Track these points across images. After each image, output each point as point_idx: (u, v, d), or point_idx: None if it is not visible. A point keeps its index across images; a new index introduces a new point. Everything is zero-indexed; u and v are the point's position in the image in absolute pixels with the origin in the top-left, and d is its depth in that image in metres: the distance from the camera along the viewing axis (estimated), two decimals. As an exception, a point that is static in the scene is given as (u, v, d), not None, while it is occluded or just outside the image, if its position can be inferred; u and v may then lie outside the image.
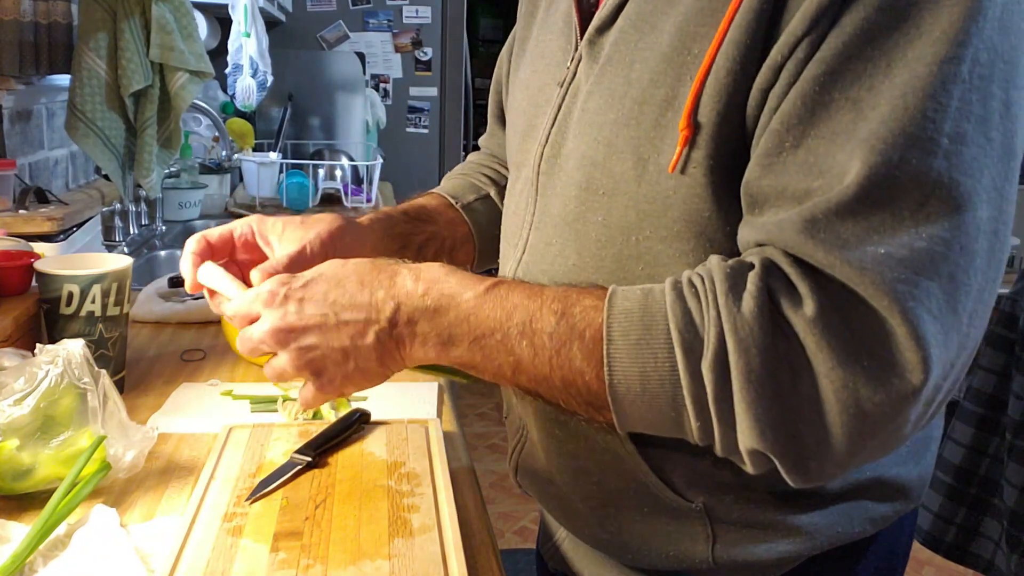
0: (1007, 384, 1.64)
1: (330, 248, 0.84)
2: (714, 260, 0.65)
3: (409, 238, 0.95)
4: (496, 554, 0.84)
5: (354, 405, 1.12)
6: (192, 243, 0.83)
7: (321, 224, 0.85)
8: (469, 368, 0.70)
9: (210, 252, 0.84)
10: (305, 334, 0.71)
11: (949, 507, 1.68)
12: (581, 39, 0.78)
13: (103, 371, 0.87)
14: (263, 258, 0.86)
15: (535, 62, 0.87)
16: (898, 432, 0.62)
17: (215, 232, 0.85)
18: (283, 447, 0.94)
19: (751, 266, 0.63)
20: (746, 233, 0.67)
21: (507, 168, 1.02)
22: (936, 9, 0.58)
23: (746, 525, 0.78)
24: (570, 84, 0.78)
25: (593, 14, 0.78)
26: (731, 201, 0.68)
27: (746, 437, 0.61)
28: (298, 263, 0.81)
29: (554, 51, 0.83)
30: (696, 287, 0.64)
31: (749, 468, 0.64)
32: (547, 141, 0.80)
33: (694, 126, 0.66)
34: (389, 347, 0.70)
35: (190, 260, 0.81)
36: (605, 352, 0.64)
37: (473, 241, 1.01)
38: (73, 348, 0.85)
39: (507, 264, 0.87)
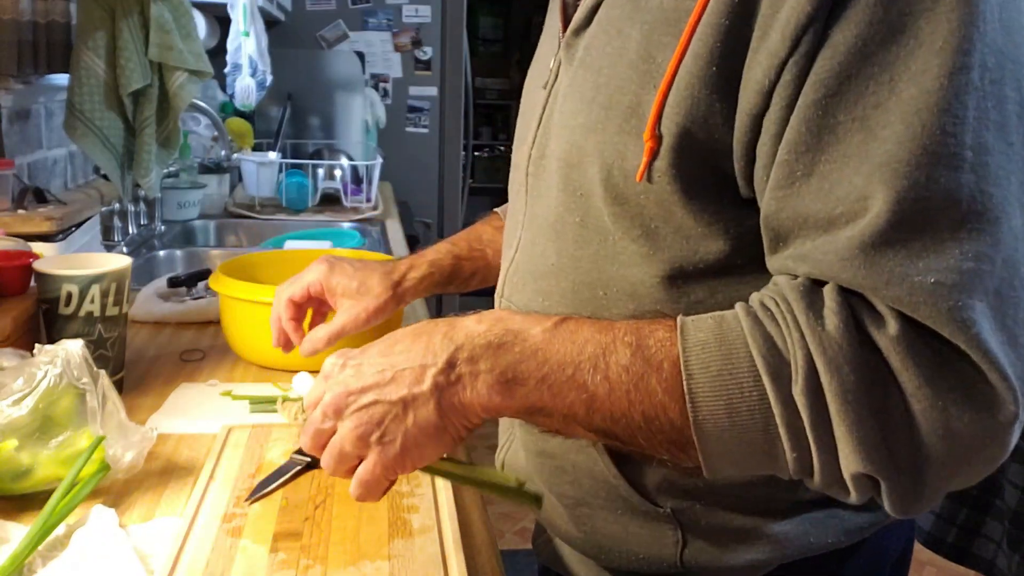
0: (1008, 384, 1.63)
1: (375, 319, 1.04)
2: (783, 281, 0.63)
3: (453, 279, 1.09)
4: (496, 554, 0.83)
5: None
6: (284, 310, 1.05)
7: (369, 298, 1.04)
8: (537, 412, 0.65)
9: (298, 313, 1.05)
10: (363, 394, 0.66)
11: (950, 507, 1.68)
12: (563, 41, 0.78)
13: (102, 371, 0.86)
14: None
15: (533, 67, 0.89)
16: (995, 457, 0.59)
17: (296, 292, 1.04)
18: (282, 447, 0.93)
19: (823, 283, 0.61)
20: (785, 266, 0.64)
21: None
22: (932, 18, 0.56)
23: (715, 531, 0.76)
24: (552, 86, 0.79)
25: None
26: (701, 204, 0.67)
27: (850, 461, 0.58)
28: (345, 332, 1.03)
29: (545, 54, 0.85)
30: (771, 310, 0.61)
31: (854, 497, 0.61)
32: (534, 143, 0.81)
33: (657, 138, 0.65)
34: (448, 393, 0.64)
35: (290, 327, 1.05)
36: (686, 388, 0.60)
37: None
38: (72, 348, 0.84)
39: (504, 264, 0.88)
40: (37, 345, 0.87)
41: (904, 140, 0.57)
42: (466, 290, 1.12)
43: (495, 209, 1.15)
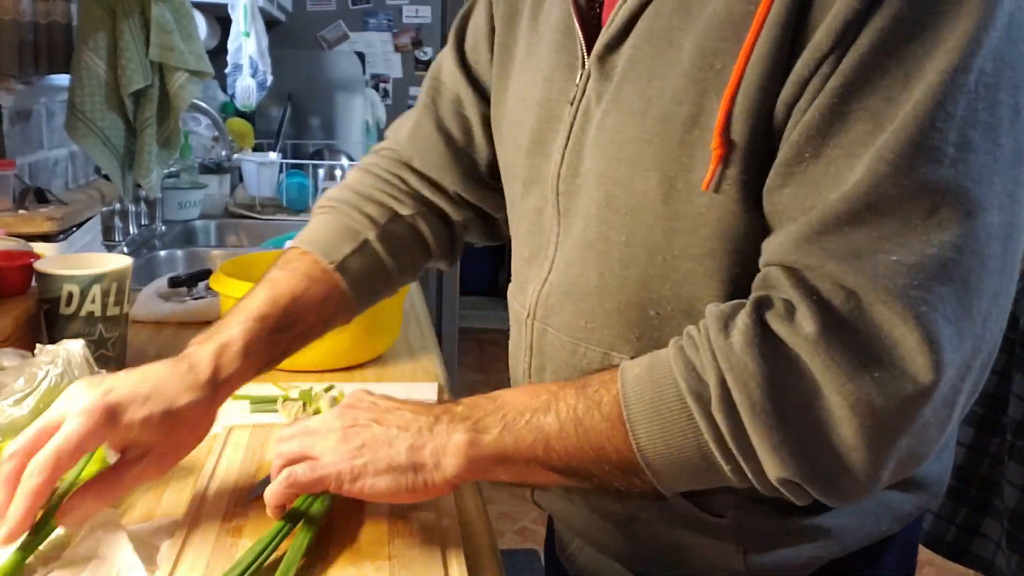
0: (1007, 384, 1.64)
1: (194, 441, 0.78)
2: (710, 307, 0.67)
3: (270, 357, 0.85)
4: (496, 554, 0.83)
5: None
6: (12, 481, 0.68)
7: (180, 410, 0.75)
8: (502, 461, 0.70)
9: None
10: (367, 412, 0.74)
11: (950, 507, 1.68)
12: (588, 55, 0.75)
13: (103, 371, 0.87)
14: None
15: (531, 74, 0.83)
16: (922, 436, 0.63)
17: (57, 452, 0.68)
18: (283, 447, 0.93)
19: (747, 303, 0.65)
20: (764, 246, 0.67)
21: (420, 179, 0.96)
22: (952, 20, 0.59)
23: (777, 533, 0.78)
24: (580, 101, 0.76)
25: (596, 26, 0.76)
26: (762, 216, 0.68)
27: (770, 468, 0.63)
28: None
29: (554, 65, 0.80)
30: (693, 336, 0.66)
31: (795, 500, 0.65)
32: (563, 160, 0.78)
33: (727, 144, 0.66)
34: (425, 438, 0.71)
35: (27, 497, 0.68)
36: (626, 417, 0.66)
37: (349, 303, 0.90)
38: (73, 348, 0.85)
39: (530, 285, 0.84)
40: (38, 345, 0.87)
41: (898, 130, 0.59)
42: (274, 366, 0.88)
43: (296, 244, 0.93)
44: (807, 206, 0.63)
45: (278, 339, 0.84)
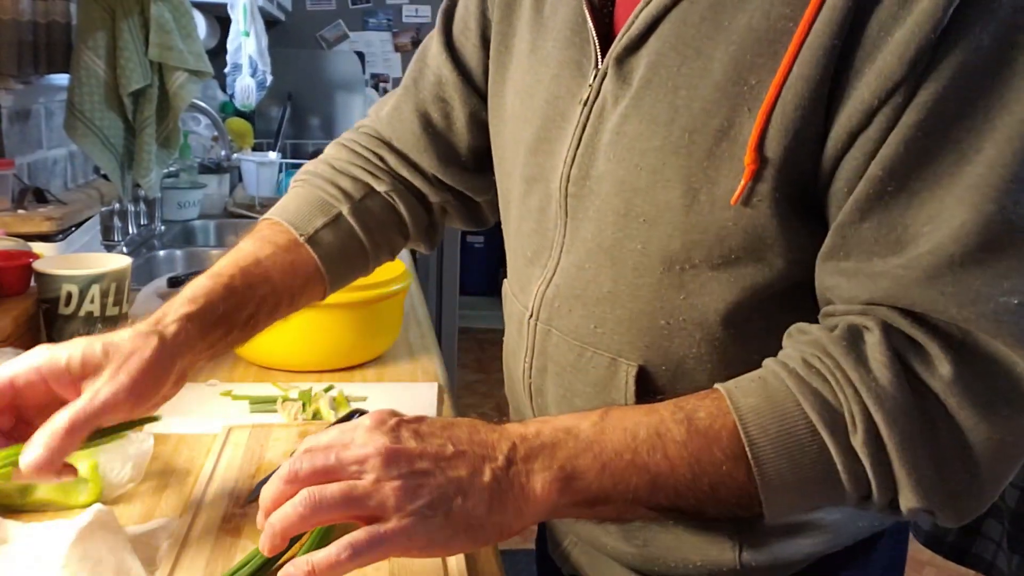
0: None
1: (141, 384, 0.72)
2: (821, 335, 0.65)
3: (232, 318, 0.80)
4: (496, 554, 0.83)
5: (353, 406, 1.12)
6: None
7: (126, 359, 0.72)
8: (597, 503, 0.64)
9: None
10: (421, 459, 0.61)
11: (950, 507, 1.68)
12: (602, 55, 0.74)
13: None
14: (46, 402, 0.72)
15: (536, 69, 0.81)
16: None
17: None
18: (282, 448, 0.93)
19: (866, 332, 0.64)
20: (832, 277, 0.67)
21: (398, 158, 0.95)
22: None
23: (771, 529, 0.78)
24: (594, 102, 0.75)
25: (608, 25, 0.75)
26: (794, 229, 0.68)
27: (908, 498, 0.63)
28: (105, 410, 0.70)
29: (562, 62, 0.78)
30: (815, 367, 0.64)
31: (907, 517, 0.66)
32: (573, 161, 0.76)
33: (760, 160, 0.65)
34: (505, 487, 0.62)
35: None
36: (750, 454, 0.64)
37: (321, 277, 0.88)
38: None
39: (531, 284, 0.83)
40: None
41: (995, 165, 0.59)
42: (249, 337, 0.85)
43: (267, 216, 0.91)
44: (892, 240, 0.63)
45: (238, 299, 0.80)
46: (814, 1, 0.62)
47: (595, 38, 0.75)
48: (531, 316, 0.82)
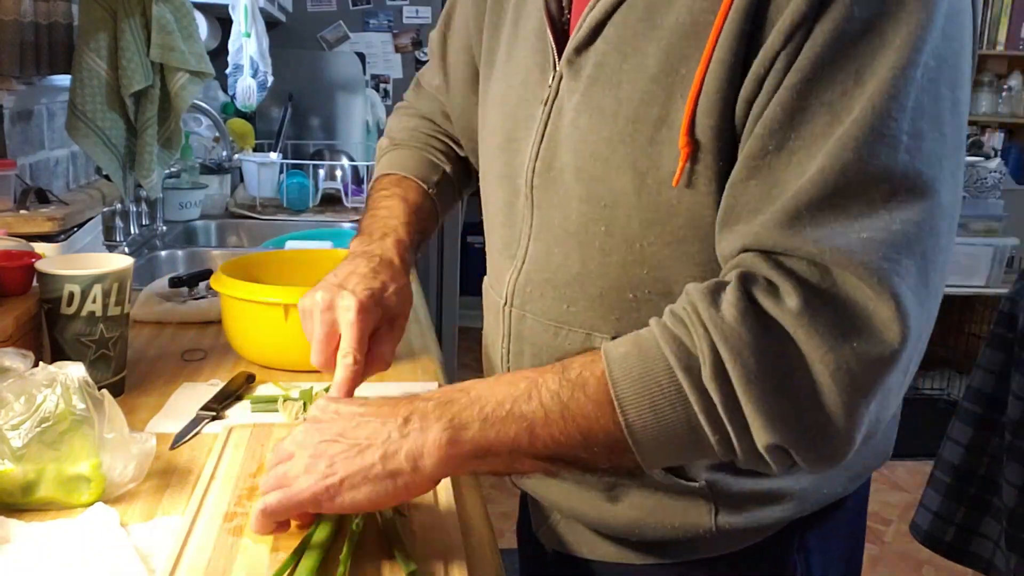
0: (1006, 384, 1.64)
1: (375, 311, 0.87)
2: (691, 287, 0.70)
3: (420, 246, 1.01)
4: (496, 554, 0.84)
5: (354, 405, 1.12)
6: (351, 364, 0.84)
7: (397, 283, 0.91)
8: (485, 454, 0.70)
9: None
10: (331, 427, 0.73)
11: (948, 506, 1.68)
12: (559, 57, 0.81)
13: (104, 391, 0.86)
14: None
15: (509, 77, 0.89)
16: (886, 401, 0.67)
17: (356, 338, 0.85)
18: (283, 447, 0.94)
19: (727, 282, 0.68)
20: (727, 244, 0.71)
21: (453, 139, 1.10)
22: (896, 20, 0.64)
23: (746, 496, 0.83)
24: (553, 101, 0.81)
25: (566, 32, 0.82)
26: None
27: (760, 434, 0.65)
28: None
29: (530, 67, 0.86)
30: (678, 315, 0.69)
31: (774, 469, 0.68)
32: (537, 156, 0.83)
33: (693, 143, 0.71)
34: (398, 443, 0.70)
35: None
36: (613, 395, 0.68)
37: (437, 222, 1.07)
38: (73, 374, 0.84)
39: (504, 275, 0.89)
40: (41, 363, 0.87)
41: (859, 121, 0.64)
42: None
43: (389, 172, 1.06)
44: (773, 195, 0.67)
45: (419, 239, 1.00)
46: None
47: (552, 43, 0.82)
48: (505, 304, 0.89)
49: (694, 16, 0.71)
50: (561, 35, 0.82)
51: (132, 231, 2.07)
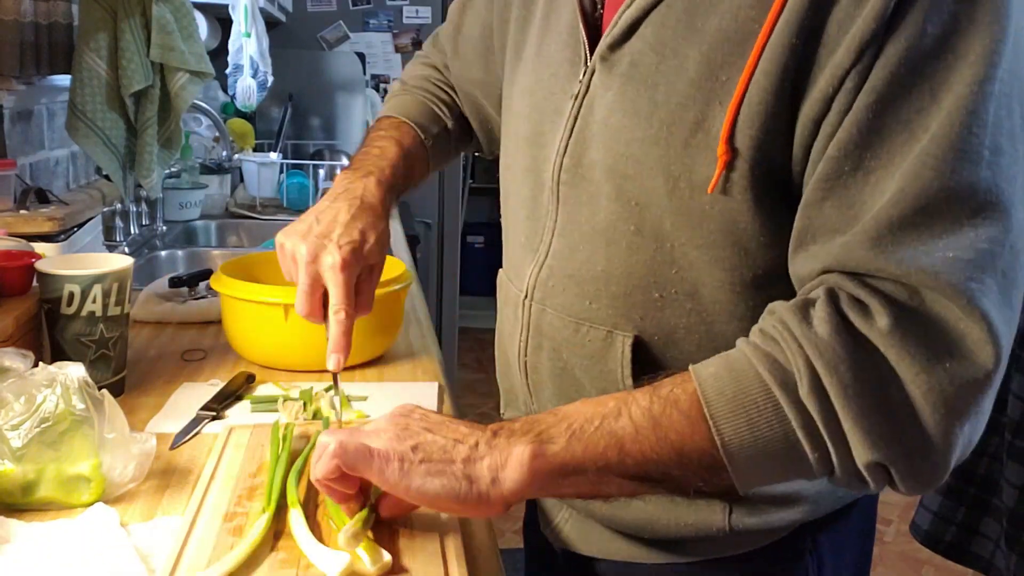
0: (1007, 384, 1.64)
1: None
2: (777, 305, 0.70)
3: (400, 189, 1.02)
4: (496, 554, 0.84)
5: (355, 406, 1.12)
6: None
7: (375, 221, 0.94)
8: (571, 472, 0.68)
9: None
10: (421, 421, 0.72)
11: (948, 506, 1.68)
12: (591, 53, 0.80)
13: (104, 391, 0.86)
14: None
15: (539, 71, 0.88)
16: (978, 422, 0.66)
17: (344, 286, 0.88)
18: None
19: (815, 299, 0.67)
20: (804, 264, 0.70)
21: (456, 93, 1.12)
22: (969, 36, 0.64)
23: (762, 497, 0.82)
24: (584, 96, 0.81)
25: (599, 27, 0.81)
26: (766, 214, 0.72)
27: (860, 452, 0.64)
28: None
29: (560, 62, 0.85)
30: (767, 332, 0.68)
31: (872, 486, 0.68)
32: (565, 151, 0.82)
33: (732, 151, 0.71)
34: (483, 452, 0.68)
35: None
36: (708, 414, 0.67)
37: (425, 174, 1.09)
38: (73, 374, 0.84)
39: (525, 268, 0.89)
40: (41, 363, 0.87)
41: (938, 138, 0.64)
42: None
43: (391, 114, 1.09)
44: (851, 216, 0.67)
45: (403, 184, 1.02)
46: (776, 3, 0.67)
47: (584, 38, 0.82)
48: (526, 297, 0.88)
49: (739, 23, 0.70)
50: (593, 31, 0.82)
51: (132, 231, 2.07)
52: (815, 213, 0.69)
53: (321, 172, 2.58)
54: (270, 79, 2.66)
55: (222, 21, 2.74)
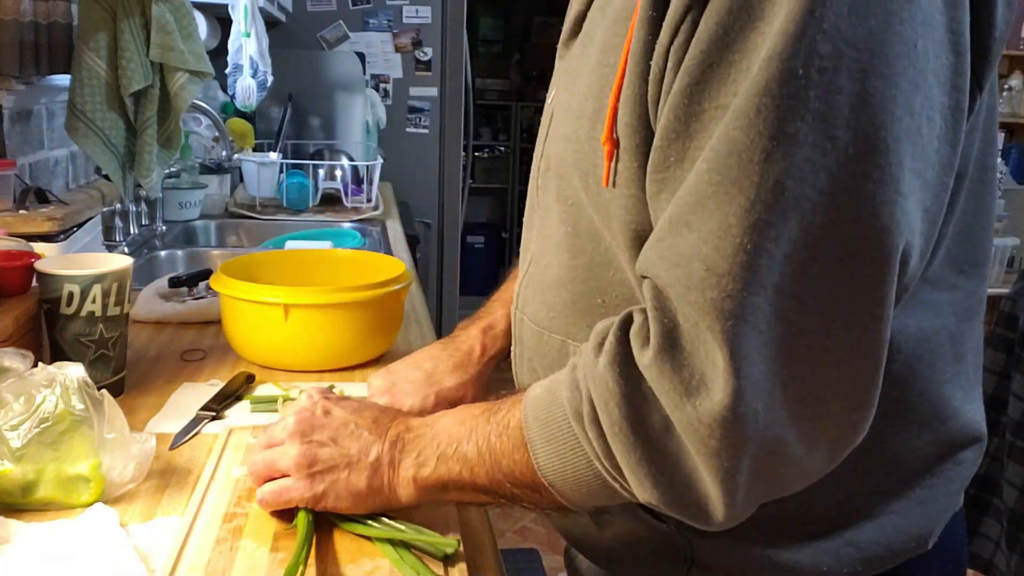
0: (1007, 384, 1.64)
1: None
2: (598, 323, 0.67)
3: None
4: (496, 554, 0.84)
5: (354, 405, 1.12)
6: None
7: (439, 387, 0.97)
8: (444, 487, 0.74)
9: None
10: (323, 430, 0.77)
11: (949, 507, 1.68)
12: None
13: (104, 392, 0.86)
14: None
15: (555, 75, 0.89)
16: (767, 463, 0.59)
17: None
18: (283, 447, 0.93)
19: (612, 323, 0.65)
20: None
21: None
22: (782, 1, 0.53)
23: (723, 554, 0.74)
24: (553, 98, 0.81)
25: None
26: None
27: (638, 491, 0.63)
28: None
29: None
30: (581, 354, 0.67)
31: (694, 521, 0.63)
32: (541, 155, 0.82)
33: (615, 140, 0.65)
34: (383, 469, 0.75)
35: None
36: (527, 438, 0.68)
37: None
38: (72, 374, 0.84)
39: (520, 277, 0.88)
40: (40, 364, 0.87)
41: (724, 122, 0.55)
42: None
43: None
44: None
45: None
46: None
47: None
48: (515, 306, 0.88)
49: (626, 2, 0.64)
50: None
51: (132, 231, 2.07)
52: (655, 206, 0.62)
53: (321, 172, 2.58)
54: (270, 79, 2.66)
55: (222, 21, 2.74)
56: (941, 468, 0.74)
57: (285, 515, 0.78)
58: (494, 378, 0.99)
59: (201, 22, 2.23)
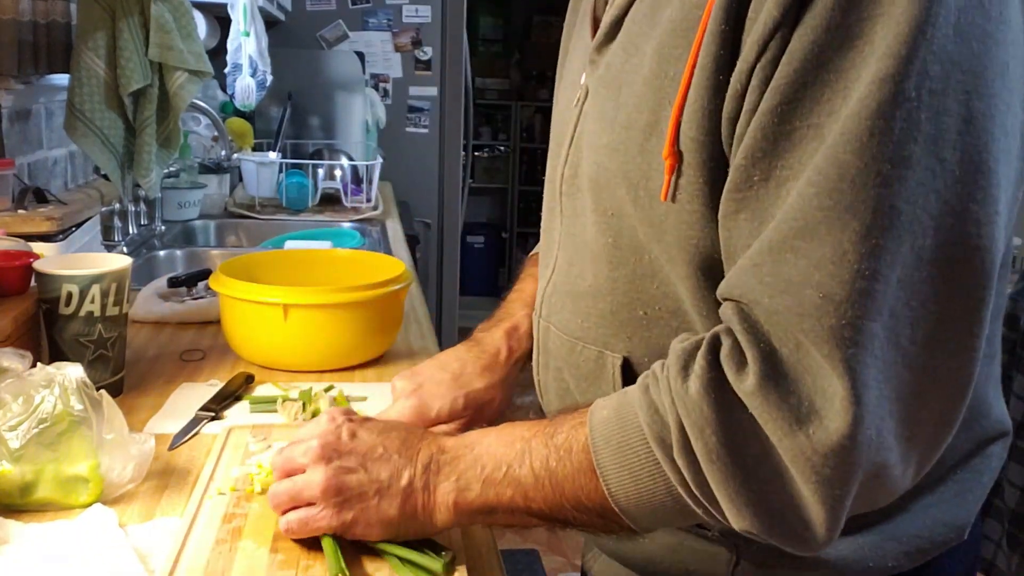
0: (1008, 384, 1.63)
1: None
2: (674, 343, 0.65)
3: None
4: (496, 554, 0.83)
5: (354, 406, 1.12)
6: None
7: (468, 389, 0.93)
8: (488, 512, 0.70)
9: None
10: (350, 456, 0.72)
11: (949, 507, 1.68)
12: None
13: (103, 392, 0.86)
14: None
15: (564, 80, 0.87)
16: (875, 482, 0.59)
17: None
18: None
19: (699, 344, 0.62)
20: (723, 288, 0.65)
21: None
22: (886, 22, 0.54)
23: (769, 553, 0.74)
24: (583, 103, 0.78)
25: None
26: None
27: (733, 518, 0.61)
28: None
29: (574, 70, 0.83)
30: (657, 376, 0.64)
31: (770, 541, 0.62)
32: (566, 162, 0.79)
33: (677, 154, 0.64)
34: (416, 495, 0.71)
35: None
36: (596, 465, 0.65)
37: None
38: (71, 375, 0.84)
39: (541, 284, 0.87)
40: (39, 364, 0.86)
41: (828, 147, 0.55)
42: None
43: (533, 253, 1.07)
44: (760, 233, 0.60)
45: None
46: None
47: (590, 40, 0.78)
48: (537, 313, 0.86)
49: (685, 11, 0.63)
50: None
51: (131, 231, 2.07)
52: (732, 226, 0.61)
53: (320, 172, 2.58)
54: (269, 78, 2.65)
55: (221, 20, 2.73)
56: (971, 462, 0.77)
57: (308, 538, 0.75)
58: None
59: (200, 21, 2.22)
